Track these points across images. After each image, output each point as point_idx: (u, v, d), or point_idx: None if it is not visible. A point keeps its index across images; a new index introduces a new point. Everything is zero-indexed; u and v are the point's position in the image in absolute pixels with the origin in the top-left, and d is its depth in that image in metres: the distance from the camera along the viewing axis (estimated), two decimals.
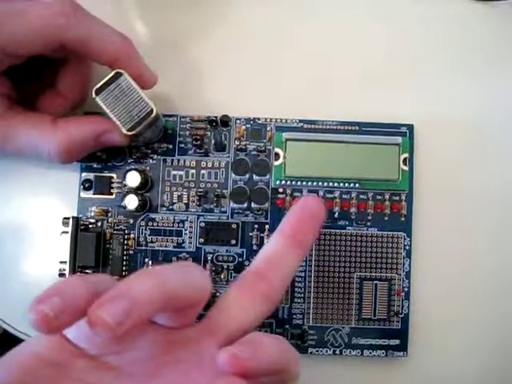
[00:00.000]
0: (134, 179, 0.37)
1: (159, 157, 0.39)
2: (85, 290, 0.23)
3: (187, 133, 0.39)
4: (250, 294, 0.29)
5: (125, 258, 0.38)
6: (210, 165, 0.38)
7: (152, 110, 0.34)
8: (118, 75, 0.33)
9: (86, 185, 0.38)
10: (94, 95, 0.33)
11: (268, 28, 0.40)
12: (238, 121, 0.39)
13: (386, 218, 0.38)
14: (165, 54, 0.40)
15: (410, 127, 0.39)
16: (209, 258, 0.38)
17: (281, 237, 0.31)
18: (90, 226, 0.38)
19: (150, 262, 0.38)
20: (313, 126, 0.39)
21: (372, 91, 0.40)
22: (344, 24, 0.41)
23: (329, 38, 0.40)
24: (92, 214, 0.38)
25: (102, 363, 0.25)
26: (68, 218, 0.37)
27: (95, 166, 0.39)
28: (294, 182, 0.38)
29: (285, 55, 0.40)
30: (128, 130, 0.33)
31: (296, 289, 0.38)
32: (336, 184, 0.38)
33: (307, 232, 0.32)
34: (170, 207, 0.38)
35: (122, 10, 0.41)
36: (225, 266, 0.38)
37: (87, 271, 0.38)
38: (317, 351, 0.37)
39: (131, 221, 0.38)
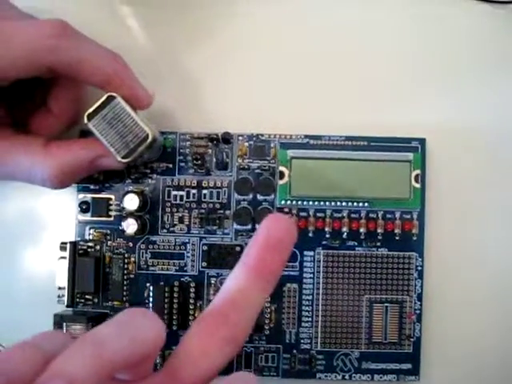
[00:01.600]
0: (132, 202, 0.35)
1: (158, 176, 0.37)
2: (29, 367, 0.22)
3: (187, 151, 0.37)
4: (212, 337, 0.27)
5: (125, 282, 0.37)
6: (211, 184, 0.37)
7: (148, 136, 0.32)
8: (110, 99, 0.32)
9: (84, 207, 0.37)
10: (85, 120, 0.32)
11: (271, 40, 0.38)
12: (240, 137, 0.37)
13: (397, 238, 0.37)
14: (163, 68, 0.38)
15: (422, 141, 0.37)
16: (212, 281, 0.37)
17: (244, 270, 0.26)
18: (89, 249, 0.37)
19: (152, 287, 0.36)
20: (319, 142, 0.37)
21: (380, 104, 0.38)
22: (350, 36, 0.38)
23: (335, 50, 0.38)
24: (90, 237, 0.37)
25: None
26: (65, 243, 0.36)
27: (92, 187, 0.37)
28: (299, 202, 0.36)
29: (288, 68, 0.38)
30: (123, 158, 0.32)
31: (303, 312, 0.36)
32: (344, 203, 0.36)
33: (274, 262, 0.26)
34: (171, 229, 0.37)
35: (118, 24, 0.39)
36: None
37: (87, 297, 0.36)
38: (325, 376, 0.36)
39: (131, 244, 0.37)
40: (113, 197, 0.37)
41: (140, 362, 0.25)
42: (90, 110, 0.32)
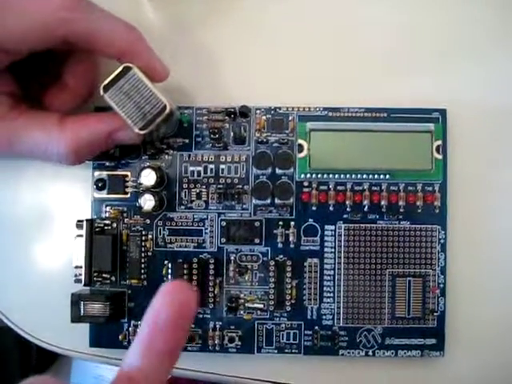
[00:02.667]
0: (149, 178, 0.35)
1: (175, 152, 0.36)
2: None
3: (204, 125, 0.36)
4: None
5: (143, 260, 0.36)
6: (229, 159, 0.36)
7: (165, 107, 0.31)
8: (127, 70, 0.31)
9: (99, 184, 0.36)
10: (101, 92, 0.31)
11: (288, 12, 0.38)
12: (257, 111, 0.36)
13: (419, 211, 0.36)
14: (178, 43, 0.38)
15: (443, 112, 0.36)
16: (231, 258, 0.36)
17: (139, 346, 0.24)
18: (106, 227, 0.36)
19: (170, 264, 0.36)
20: (338, 114, 0.36)
21: (400, 75, 0.37)
22: (369, 7, 0.38)
23: (354, 21, 0.37)
24: (107, 214, 0.36)
25: None
26: (82, 221, 0.35)
27: (108, 164, 0.36)
28: (319, 175, 0.36)
29: (307, 39, 0.37)
30: (140, 129, 0.31)
31: (325, 288, 0.36)
32: (365, 176, 0.36)
33: (168, 339, 0.24)
34: (189, 205, 0.36)
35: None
36: (249, 267, 0.36)
37: (104, 275, 0.36)
38: (348, 353, 0.36)
39: (148, 221, 0.36)
40: (129, 173, 0.36)
41: None
42: (106, 81, 0.31)
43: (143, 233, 0.36)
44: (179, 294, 0.24)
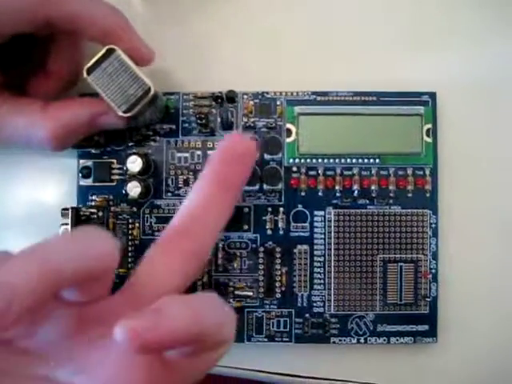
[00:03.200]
0: (135, 164, 0.34)
1: (162, 138, 0.36)
2: None
3: (191, 111, 0.36)
4: (173, 254, 0.25)
5: (130, 249, 0.35)
6: (217, 145, 0.36)
7: (150, 89, 0.31)
8: (110, 52, 0.30)
9: (85, 172, 0.36)
10: (85, 74, 0.30)
11: None
12: (245, 96, 0.36)
13: (410, 195, 0.35)
14: (163, 27, 0.37)
15: (433, 95, 0.36)
16: (220, 245, 0.35)
17: (204, 183, 0.27)
18: (92, 216, 0.36)
19: None
20: (326, 98, 0.35)
21: (389, 58, 0.37)
22: None
23: (342, 4, 0.37)
24: (93, 203, 0.36)
25: (14, 348, 0.22)
26: (67, 209, 0.35)
27: (93, 151, 0.36)
28: (308, 160, 0.35)
29: (293, 22, 0.37)
30: (124, 112, 0.31)
31: (315, 275, 0.35)
32: (354, 160, 0.35)
33: (235, 174, 0.27)
34: (176, 192, 0.36)
35: None
36: (237, 254, 0.35)
37: None
38: (340, 341, 0.35)
39: (135, 209, 0.36)
40: (115, 161, 0.36)
41: (90, 282, 0.23)
42: (89, 63, 0.31)
43: (130, 221, 0.36)
44: (247, 139, 0.28)
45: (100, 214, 0.36)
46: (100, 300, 0.24)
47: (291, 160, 0.35)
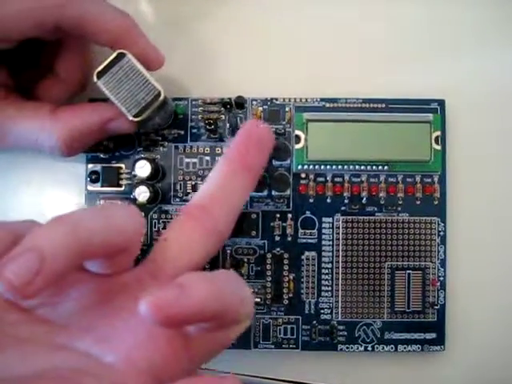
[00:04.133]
0: (143, 169, 0.34)
1: (170, 144, 0.36)
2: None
3: (199, 117, 0.36)
4: (194, 229, 0.25)
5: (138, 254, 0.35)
6: (225, 150, 0.35)
7: (160, 93, 0.31)
8: (120, 56, 0.30)
9: (93, 177, 0.36)
10: (95, 79, 0.30)
11: (284, 2, 0.37)
12: (254, 102, 0.36)
13: (418, 202, 0.35)
14: (172, 33, 0.37)
15: (441, 103, 0.35)
16: (227, 251, 0.35)
17: (226, 162, 0.28)
18: None
19: None
20: (335, 105, 0.35)
21: (398, 65, 0.37)
22: None
23: (352, 11, 0.37)
24: None
25: (35, 316, 0.22)
26: None
27: (102, 156, 0.36)
28: (317, 167, 0.35)
29: (303, 29, 0.37)
30: (134, 116, 0.31)
31: (323, 281, 0.35)
32: (363, 167, 0.35)
33: (255, 154, 0.28)
34: (184, 198, 0.35)
35: None
36: (245, 260, 0.35)
37: None
38: (347, 348, 0.35)
39: (143, 214, 0.35)
40: (123, 166, 0.36)
41: (116, 254, 0.23)
42: (100, 68, 0.31)
43: None
44: (265, 125, 0.29)
45: None
46: (123, 272, 0.24)
47: (300, 166, 0.35)
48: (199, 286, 0.21)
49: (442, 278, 0.35)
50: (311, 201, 0.35)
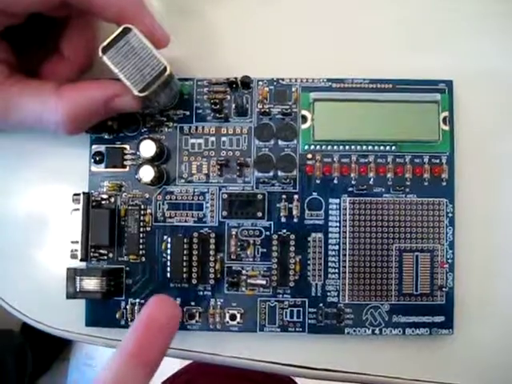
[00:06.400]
0: (148, 149, 0.34)
1: (175, 124, 0.35)
2: None
3: (205, 97, 0.35)
4: None
5: (141, 235, 0.35)
6: (230, 131, 0.35)
7: (165, 68, 0.30)
8: (126, 31, 0.30)
9: (97, 158, 0.35)
10: (100, 54, 0.30)
11: None
12: (260, 82, 0.35)
13: (426, 184, 0.35)
14: (177, 14, 0.37)
15: (449, 83, 0.35)
16: (233, 232, 0.35)
17: (124, 356, 0.25)
18: (103, 202, 0.35)
19: (170, 239, 0.34)
20: (342, 86, 0.35)
21: (405, 45, 0.36)
22: None
23: None
24: (104, 189, 0.35)
25: None
26: (78, 195, 0.34)
27: (106, 137, 0.35)
28: (323, 147, 0.35)
29: (309, 9, 0.37)
30: (140, 91, 0.30)
31: (330, 263, 0.35)
32: (370, 147, 0.35)
33: (152, 350, 0.26)
34: (189, 179, 0.35)
35: None
36: (251, 241, 0.35)
37: (101, 251, 0.35)
38: (354, 331, 0.34)
39: (147, 195, 0.35)
40: (128, 147, 0.35)
41: None
42: (105, 42, 0.30)
43: (142, 207, 0.35)
44: (171, 305, 0.26)
45: (112, 199, 0.35)
46: None
47: (306, 147, 0.35)
48: None
49: (450, 260, 0.34)
50: (318, 182, 0.35)
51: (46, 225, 0.36)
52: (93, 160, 0.35)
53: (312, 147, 0.35)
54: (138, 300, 0.35)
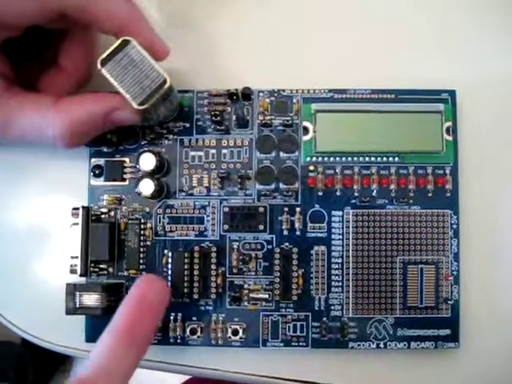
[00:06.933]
0: (148, 162, 0.33)
1: (175, 137, 0.35)
2: None
3: (205, 109, 0.35)
4: None
5: (142, 249, 0.34)
6: (231, 143, 0.35)
7: (165, 81, 0.30)
8: (125, 43, 0.30)
9: (97, 171, 0.35)
10: (99, 66, 0.30)
11: None
12: (260, 93, 0.35)
13: (430, 195, 0.34)
14: (177, 26, 0.37)
15: (452, 93, 0.35)
16: (234, 246, 0.34)
17: (113, 334, 0.26)
18: (103, 216, 0.35)
19: (170, 254, 0.34)
20: (344, 96, 0.35)
21: (407, 55, 0.36)
22: None
23: (359, 1, 0.37)
24: (104, 202, 0.35)
25: None
26: (77, 209, 0.34)
27: (105, 150, 0.35)
28: (326, 159, 0.34)
29: (310, 19, 0.36)
30: (139, 104, 0.30)
31: (333, 277, 0.34)
32: (373, 159, 0.34)
33: (143, 327, 0.26)
34: (190, 192, 0.35)
35: None
36: (253, 255, 0.34)
37: (101, 266, 0.34)
38: (358, 345, 0.34)
39: (147, 209, 0.35)
40: (127, 160, 0.35)
41: None
42: (104, 55, 0.30)
43: (142, 221, 0.35)
44: (160, 284, 0.27)
45: (111, 213, 0.35)
46: None
47: (308, 158, 0.34)
48: None
49: (455, 272, 0.34)
50: (320, 194, 0.34)
51: (45, 240, 0.36)
52: (92, 173, 0.35)
53: (314, 159, 0.34)
54: None
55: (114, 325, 0.25)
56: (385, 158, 0.34)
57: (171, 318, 0.34)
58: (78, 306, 0.33)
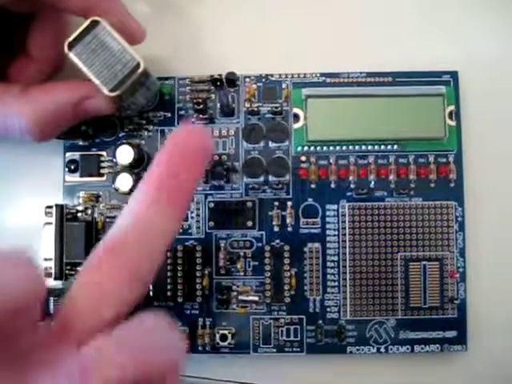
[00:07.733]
0: (126, 155, 0.31)
1: (156, 127, 0.33)
2: None
3: (187, 97, 0.33)
4: (106, 277, 0.21)
5: None
6: (216, 133, 0.33)
7: (139, 65, 0.28)
8: (94, 24, 0.28)
9: (72, 166, 0.33)
10: (66, 50, 0.28)
11: None
12: (247, 79, 0.33)
13: (432, 185, 0.33)
14: (156, 6, 0.34)
15: (455, 74, 0.33)
16: (221, 244, 0.33)
17: (147, 190, 0.22)
18: (79, 214, 0.33)
19: None
20: (337, 80, 0.33)
21: (405, 35, 0.34)
22: None
23: None
24: (80, 200, 0.33)
25: None
26: (51, 207, 0.32)
27: (81, 143, 0.33)
28: (318, 148, 0.32)
29: None
30: (111, 91, 0.28)
31: (328, 276, 0.32)
32: (370, 147, 0.32)
33: (184, 180, 0.22)
34: None
35: None
36: (241, 254, 0.33)
37: (78, 268, 0.32)
38: (357, 350, 0.32)
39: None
40: (104, 153, 0.33)
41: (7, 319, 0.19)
42: (71, 37, 0.28)
43: None
44: (201, 132, 0.23)
45: (88, 211, 0.33)
46: (20, 335, 0.19)
47: (299, 148, 0.33)
48: (112, 357, 0.18)
49: (461, 269, 0.32)
50: (313, 186, 0.33)
51: (16, 241, 0.33)
52: (67, 169, 0.33)
53: (306, 148, 0.33)
54: None
55: (149, 175, 0.22)
56: (383, 146, 0.32)
57: None
58: (52, 312, 0.31)
